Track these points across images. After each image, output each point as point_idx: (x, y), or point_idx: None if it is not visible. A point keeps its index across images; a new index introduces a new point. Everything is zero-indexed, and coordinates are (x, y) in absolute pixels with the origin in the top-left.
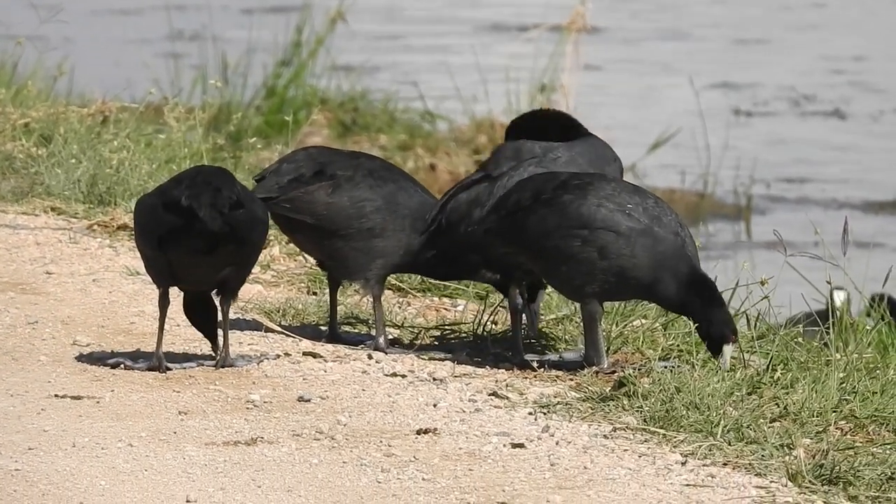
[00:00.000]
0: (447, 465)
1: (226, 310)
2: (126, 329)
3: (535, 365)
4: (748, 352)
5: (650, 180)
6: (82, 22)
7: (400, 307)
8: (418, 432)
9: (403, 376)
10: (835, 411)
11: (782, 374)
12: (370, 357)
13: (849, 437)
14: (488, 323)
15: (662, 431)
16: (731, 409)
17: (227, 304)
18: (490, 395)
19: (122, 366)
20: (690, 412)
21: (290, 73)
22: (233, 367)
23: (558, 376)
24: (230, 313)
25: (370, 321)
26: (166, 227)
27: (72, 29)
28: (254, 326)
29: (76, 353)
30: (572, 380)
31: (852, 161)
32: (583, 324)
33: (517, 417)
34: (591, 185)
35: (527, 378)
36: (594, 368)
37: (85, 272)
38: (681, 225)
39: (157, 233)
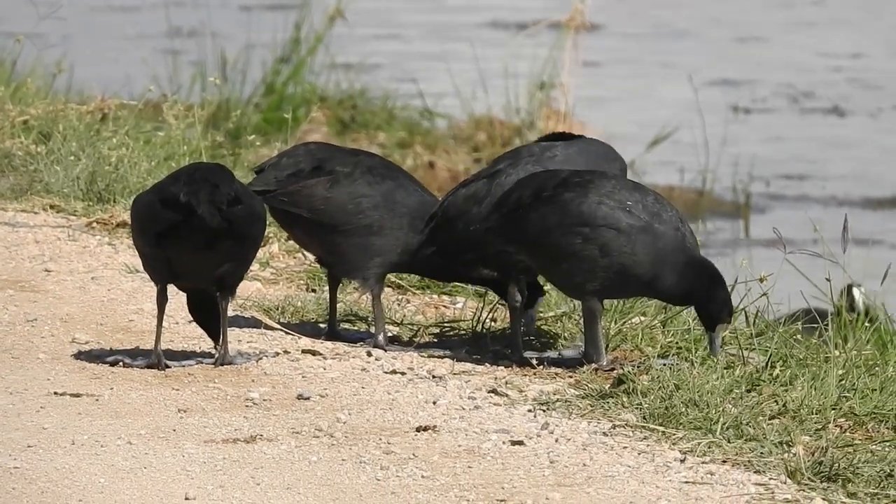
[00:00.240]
0: (446, 463)
1: (224, 307)
2: (125, 327)
3: (535, 362)
4: (747, 349)
5: (649, 178)
6: (81, 19)
7: (399, 304)
8: (418, 430)
9: (403, 374)
10: (834, 408)
11: (781, 371)
12: (369, 354)
13: (848, 434)
14: (487, 320)
15: (662, 429)
16: (731, 406)
17: (225, 301)
18: (489, 392)
19: (121, 363)
20: (689, 409)
21: (289, 71)
22: (232, 365)
23: (557, 374)
24: (229, 310)
25: (369, 319)
26: (164, 223)
27: (70, 26)
28: (253, 324)
29: (75, 351)
30: (571, 377)
31: (851, 158)
32: (582, 321)
33: (516, 415)
34: (591, 183)
35: (526, 375)
36: (593, 366)
37: (84, 270)
38: (681, 221)
39: (155, 230)
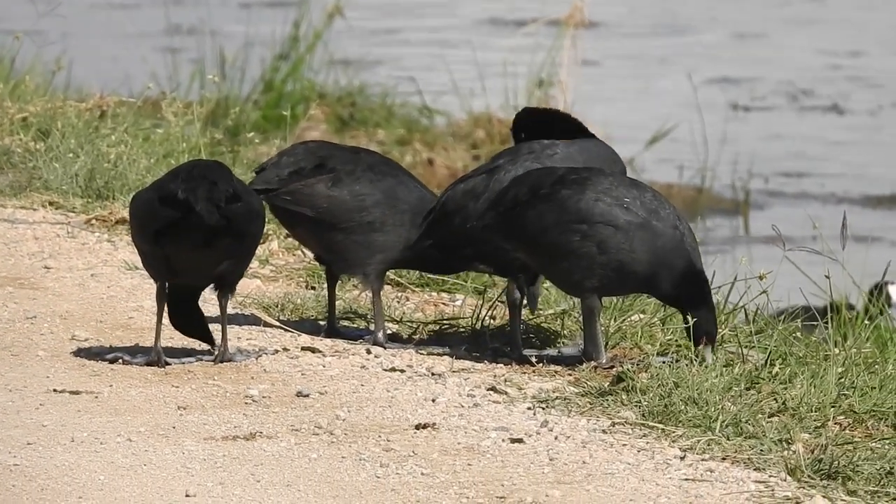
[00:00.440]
0: (446, 460)
1: (224, 304)
2: (124, 324)
3: (534, 360)
4: (747, 346)
5: (648, 175)
6: (80, 16)
7: (399, 302)
8: (417, 427)
9: (402, 371)
10: (833, 406)
11: (781, 368)
12: (369, 352)
13: (847, 431)
14: (487, 318)
15: (661, 426)
16: (730, 403)
17: (224, 299)
18: (489, 389)
19: (120, 361)
20: (689, 407)
21: (288, 68)
22: (231, 362)
23: (557, 371)
24: (228, 308)
25: (369, 316)
26: (163, 221)
27: (70, 23)
28: (252, 321)
29: (74, 348)
30: (571, 375)
31: (850, 156)
32: (581, 319)
33: (516, 412)
34: (588, 180)
35: (525, 373)
36: (593, 363)
37: (83, 267)
38: (679, 218)
39: (153, 227)
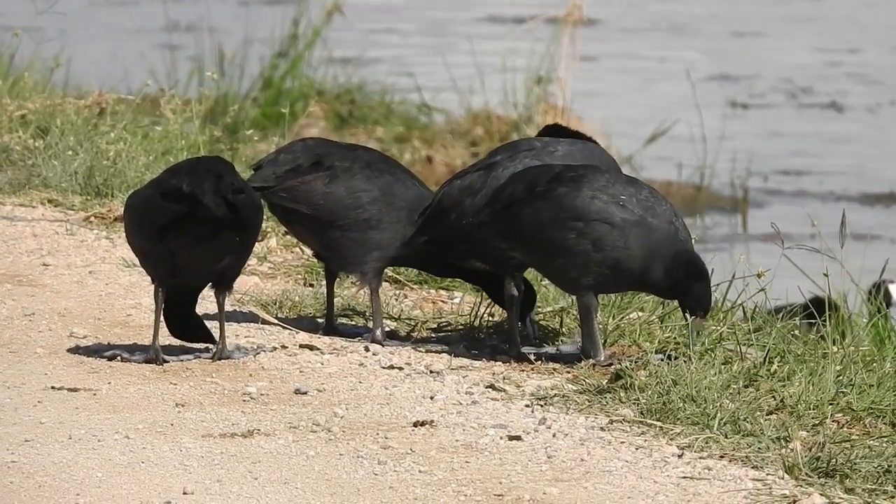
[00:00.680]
0: (444, 458)
1: (222, 302)
2: (123, 321)
3: (532, 357)
4: (745, 344)
5: (647, 173)
6: (79, 13)
7: (397, 299)
8: (415, 424)
9: (400, 369)
10: (831, 404)
11: (779, 366)
12: (367, 349)
13: (845, 429)
14: (485, 315)
15: (659, 424)
16: (728, 401)
17: (223, 297)
18: (487, 387)
19: (118, 358)
20: (687, 405)
21: (287, 65)
22: (229, 360)
23: (555, 369)
24: (226, 305)
25: (367, 313)
26: (168, 216)
27: (68, 20)
28: (250, 319)
29: (73, 345)
30: (569, 372)
31: (849, 153)
32: (579, 316)
33: (514, 410)
34: (584, 178)
35: (524, 370)
36: (591, 361)
37: (82, 264)
38: (675, 215)
39: (157, 224)
